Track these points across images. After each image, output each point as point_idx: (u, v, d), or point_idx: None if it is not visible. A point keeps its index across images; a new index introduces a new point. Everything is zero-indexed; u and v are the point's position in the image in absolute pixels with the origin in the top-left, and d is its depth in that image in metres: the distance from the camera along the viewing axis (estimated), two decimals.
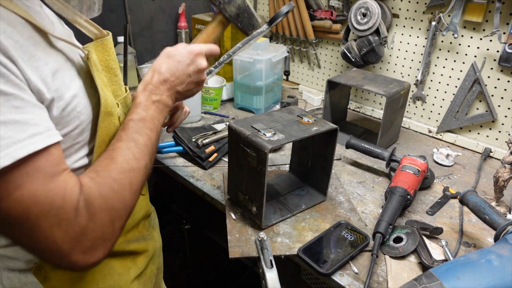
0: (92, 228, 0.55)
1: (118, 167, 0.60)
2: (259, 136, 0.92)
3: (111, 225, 0.57)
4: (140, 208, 0.82)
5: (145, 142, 0.66)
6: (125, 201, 0.60)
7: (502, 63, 1.28)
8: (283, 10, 1.06)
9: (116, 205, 0.58)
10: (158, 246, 0.93)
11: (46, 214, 0.51)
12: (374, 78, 1.43)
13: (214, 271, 1.96)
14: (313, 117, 1.03)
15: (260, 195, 0.94)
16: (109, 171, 0.59)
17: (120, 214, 0.59)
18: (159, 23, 1.97)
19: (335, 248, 0.92)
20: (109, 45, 0.72)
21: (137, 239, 0.82)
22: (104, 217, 0.56)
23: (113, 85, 0.73)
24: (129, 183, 0.61)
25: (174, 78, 0.74)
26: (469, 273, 0.71)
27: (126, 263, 0.78)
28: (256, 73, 1.59)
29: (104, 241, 0.56)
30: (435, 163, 1.34)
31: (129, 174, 0.61)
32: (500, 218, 0.86)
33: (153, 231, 0.91)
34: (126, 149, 0.63)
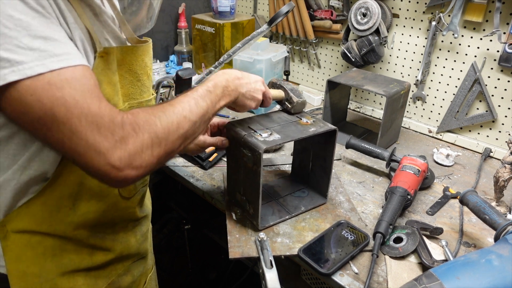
0: (132, 141, 0.58)
1: (172, 109, 0.66)
2: (254, 137, 0.92)
3: (151, 148, 0.61)
4: (117, 209, 0.82)
5: (203, 106, 0.73)
6: (168, 135, 0.63)
7: (502, 63, 1.28)
8: (283, 10, 1.06)
9: (159, 133, 0.62)
10: (132, 252, 0.91)
11: (85, 116, 0.55)
12: (374, 78, 1.43)
13: (214, 271, 1.96)
14: (312, 117, 1.03)
15: (256, 195, 0.93)
16: (162, 109, 0.65)
17: (160, 142, 0.62)
18: (159, 23, 1.97)
19: (336, 248, 0.92)
20: (140, 52, 0.78)
21: (104, 237, 0.82)
22: (146, 137, 0.60)
23: (132, 88, 0.79)
24: (177, 123, 0.65)
25: (244, 81, 0.86)
26: (469, 273, 0.71)
27: (82, 253, 0.79)
28: (256, 73, 1.58)
29: (141, 160, 0.59)
30: (435, 163, 1.34)
31: (179, 117, 0.66)
32: (500, 218, 0.86)
33: (131, 237, 0.89)
34: (186, 102, 0.70)
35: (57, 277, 0.76)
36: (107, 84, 0.71)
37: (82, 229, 0.77)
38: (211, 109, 0.76)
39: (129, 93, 0.78)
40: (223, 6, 1.75)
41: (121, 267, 0.89)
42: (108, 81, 0.71)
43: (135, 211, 0.89)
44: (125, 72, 0.76)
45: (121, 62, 0.75)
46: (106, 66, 0.70)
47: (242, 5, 2.10)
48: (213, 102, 0.76)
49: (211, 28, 1.78)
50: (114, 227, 0.84)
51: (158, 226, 1.98)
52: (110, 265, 0.85)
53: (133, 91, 0.79)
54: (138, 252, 0.93)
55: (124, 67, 0.76)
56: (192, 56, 2.00)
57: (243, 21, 1.82)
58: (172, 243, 1.95)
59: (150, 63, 0.83)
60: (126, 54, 0.75)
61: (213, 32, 1.77)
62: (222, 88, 0.80)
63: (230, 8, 1.77)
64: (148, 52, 0.81)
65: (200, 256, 1.97)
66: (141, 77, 0.79)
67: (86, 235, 0.78)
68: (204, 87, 0.77)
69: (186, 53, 1.98)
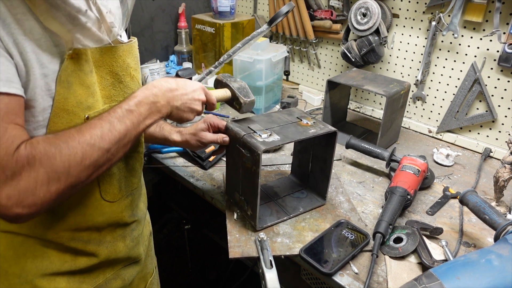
0: (25, 177, 0.55)
1: (79, 137, 0.61)
2: (254, 137, 0.91)
3: (46, 184, 0.57)
4: (100, 213, 0.80)
5: (121, 130, 0.66)
6: (69, 169, 0.59)
7: (502, 63, 1.28)
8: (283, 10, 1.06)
9: (57, 168, 0.58)
10: (122, 256, 0.88)
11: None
12: (374, 78, 1.43)
13: (214, 271, 1.96)
14: (313, 119, 1.03)
15: (254, 196, 0.93)
16: (67, 137, 0.60)
17: (58, 177, 0.58)
18: (159, 23, 1.97)
19: (337, 247, 0.92)
20: (121, 52, 0.74)
21: (88, 241, 0.80)
22: (41, 173, 0.56)
23: (114, 89, 0.76)
24: (82, 154, 0.60)
25: (178, 92, 0.78)
26: (469, 273, 0.71)
27: (64, 256, 0.78)
28: (256, 73, 1.59)
29: (34, 197, 0.56)
30: (435, 163, 1.34)
31: (86, 147, 0.61)
32: (500, 218, 0.86)
33: (120, 242, 0.87)
34: (98, 127, 0.63)
35: (37, 278, 0.75)
36: (79, 85, 0.68)
37: (62, 232, 0.76)
38: (132, 131, 0.68)
39: (111, 95, 0.75)
40: (223, 6, 1.75)
41: (110, 271, 0.87)
42: (79, 83, 0.68)
43: (123, 216, 0.86)
44: (106, 74, 0.74)
45: (100, 63, 0.72)
46: (77, 68, 0.67)
47: (242, 5, 2.10)
48: (134, 123, 0.68)
49: (211, 28, 1.78)
50: (100, 231, 0.81)
51: (158, 226, 1.98)
52: (97, 269, 0.83)
53: (114, 93, 0.76)
54: (129, 257, 0.91)
55: (104, 68, 0.73)
56: (192, 56, 2.00)
57: (243, 21, 1.82)
58: (172, 243, 1.95)
59: (134, 63, 0.79)
60: (105, 55, 0.72)
61: (213, 32, 1.77)
62: (149, 105, 0.71)
63: (230, 8, 1.77)
64: (130, 52, 0.77)
65: (200, 256, 1.97)
66: (123, 78, 0.76)
67: (67, 238, 0.77)
68: (125, 105, 0.69)
69: (186, 53, 1.98)
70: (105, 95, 0.75)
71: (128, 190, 0.85)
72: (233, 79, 0.97)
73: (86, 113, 0.70)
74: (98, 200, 0.79)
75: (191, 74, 1.28)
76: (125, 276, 0.91)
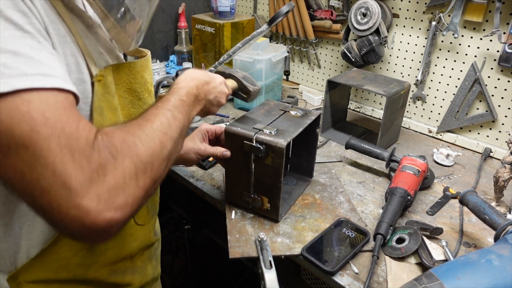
0: (112, 170, 0.45)
1: (150, 125, 0.53)
2: (265, 134, 0.92)
3: (135, 177, 0.47)
4: (134, 239, 0.78)
5: (180, 119, 0.61)
6: (153, 158, 0.51)
7: (502, 63, 1.28)
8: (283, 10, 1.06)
9: (142, 157, 0.49)
10: (149, 279, 0.87)
11: (57, 138, 0.42)
12: (374, 78, 1.43)
13: (214, 271, 1.96)
14: (296, 108, 1.09)
15: (276, 189, 0.95)
16: (138, 125, 0.53)
17: (145, 169, 0.49)
18: (159, 23, 1.97)
19: (338, 246, 0.92)
20: (138, 68, 0.70)
21: (124, 271, 0.77)
22: (127, 164, 0.47)
23: (133, 108, 0.72)
24: (160, 142, 0.53)
25: (211, 86, 0.76)
26: (469, 273, 0.71)
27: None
28: (256, 73, 1.59)
29: (125, 195, 0.46)
30: (435, 163, 1.34)
31: (160, 134, 0.54)
32: (500, 218, 0.86)
33: (148, 264, 0.85)
34: (163, 115, 0.57)
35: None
36: (108, 110, 0.63)
37: (102, 268, 0.71)
38: (187, 122, 0.64)
39: (130, 115, 0.70)
40: (223, 6, 1.75)
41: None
42: (109, 107, 0.63)
43: (151, 237, 0.85)
44: (124, 92, 0.69)
45: (119, 81, 0.67)
46: (105, 90, 0.62)
47: (242, 5, 2.10)
48: (188, 113, 0.65)
49: (211, 28, 1.78)
50: (132, 258, 0.79)
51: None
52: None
53: (134, 112, 0.71)
54: (153, 278, 0.90)
55: (123, 86, 0.68)
56: (192, 56, 2.00)
57: (243, 21, 1.82)
58: (172, 243, 1.95)
59: (151, 78, 0.76)
60: (123, 73, 0.67)
61: (213, 32, 1.77)
62: (194, 97, 0.68)
63: (230, 8, 1.77)
64: (147, 66, 0.73)
65: (200, 256, 1.97)
66: (142, 95, 0.72)
67: (107, 274, 0.73)
68: (176, 96, 0.64)
69: (186, 53, 1.98)
70: (125, 114, 0.70)
71: (153, 211, 0.85)
72: (234, 70, 0.96)
73: None
74: (132, 226, 0.76)
75: None
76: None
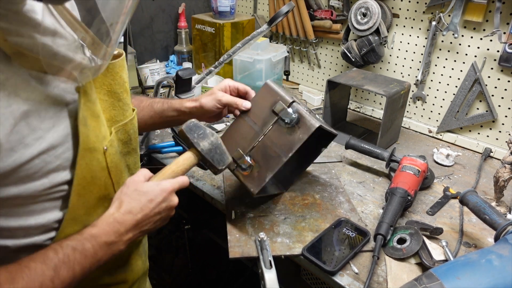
0: None
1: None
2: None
3: None
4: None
5: (65, 279, 0.56)
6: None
7: (502, 63, 1.28)
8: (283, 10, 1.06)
9: None
10: (141, 273, 0.87)
11: None
12: (374, 78, 1.43)
13: (214, 271, 1.96)
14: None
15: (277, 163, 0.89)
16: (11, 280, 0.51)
17: None
18: (159, 23, 1.97)
19: (338, 246, 0.93)
20: (117, 68, 0.68)
21: (116, 271, 0.77)
22: None
23: (114, 110, 0.70)
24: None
25: (145, 220, 0.67)
26: (469, 273, 0.71)
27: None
28: (256, 73, 1.59)
29: None
30: (435, 163, 1.34)
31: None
32: (500, 218, 0.86)
33: (138, 260, 0.85)
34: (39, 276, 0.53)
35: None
36: (92, 118, 0.62)
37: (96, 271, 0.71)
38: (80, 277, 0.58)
39: (112, 117, 0.69)
40: (223, 6, 1.75)
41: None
42: (91, 115, 0.62)
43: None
44: (104, 95, 0.67)
45: (98, 84, 0.66)
46: (86, 99, 0.61)
47: (242, 5, 2.10)
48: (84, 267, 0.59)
49: (211, 28, 1.78)
50: (122, 257, 0.79)
51: None
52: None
53: (115, 113, 0.70)
54: (144, 273, 0.91)
55: (102, 89, 0.66)
56: (192, 56, 2.00)
57: (243, 21, 1.82)
58: (172, 243, 1.95)
59: (127, 77, 0.73)
60: (102, 75, 0.65)
61: (213, 32, 1.77)
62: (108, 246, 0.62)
63: (230, 8, 1.77)
64: (124, 66, 0.71)
65: (200, 256, 1.97)
66: (121, 96, 0.70)
67: (99, 275, 0.74)
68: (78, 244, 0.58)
69: (186, 53, 1.98)
70: (107, 118, 0.69)
71: None
72: (201, 133, 0.79)
73: (104, 145, 0.65)
74: None
75: (191, 74, 1.28)
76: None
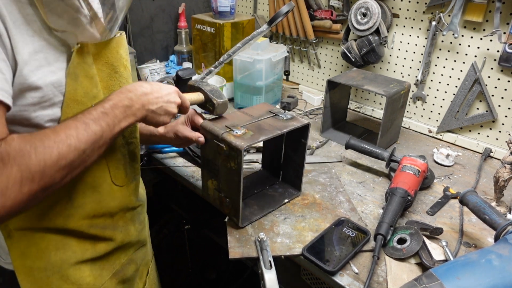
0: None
1: (54, 137, 0.60)
2: (232, 134, 0.92)
3: (19, 184, 0.54)
4: (112, 198, 0.84)
5: (96, 131, 0.65)
6: (44, 168, 0.57)
7: (502, 63, 1.28)
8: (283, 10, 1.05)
9: (32, 166, 0.56)
10: (133, 239, 0.93)
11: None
12: (374, 78, 1.43)
13: (214, 271, 1.96)
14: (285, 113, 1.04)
15: (237, 193, 0.93)
16: (43, 136, 0.59)
17: (32, 177, 0.56)
18: (159, 23, 1.97)
19: (339, 245, 0.93)
20: (114, 44, 0.77)
21: (104, 227, 0.84)
22: (14, 172, 0.54)
23: (110, 80, 0.79)
24: (58, 154, 0.59)
25: (152, 96, 0.77)
26: (469, 273, 0.71)
27: (84, 244, 0.81)
28: (256, 73, 1.59)
29: (4, 198, 0.53)
30: (435, 163, 1.34)
31: (62, 146, 0.60)
32: (500, 218, 0.86)
33: (130, 225, 0.92)
34: (73, 128, 0.63)
35: (63, 270, 0.79)
36: (84, 77, 0.72)
37: (82, 220, 0.79)
38: (108, 133, 0.68)
39: (108, 85, 0.79)
40: (223, 6, 1.75)
41: (124, 256, 0.91)
42: (84, 74, 0.72)
43: (131, 200, 0.91)
44: (102, 66, 0.77)
45: (97, 56, 0.75)
46: (81, 60, 0.70)
47: (242, 5, 2.10)
48: (110, 125, 0.68)
49: (211, 28, 1.78)
50: (113, 216, 0.86)
51: (158, 226, 1.98)
52: (113, 254, 0.88)
53: (112, 83, 0.79)
54: (138, 240, 0.96)
55: (101, 60, 0.76)
56: (192, 56, 2.00)
57: (243, 21, 1.82)
58: (172, 243, 1.95)
59: (126, 54, 0.82)
60: (100, 48, 0.75)
61: (213, 32, 1.77)
62: (124, 108, 0.71)
63: (230, 8, 1.77)
64: (122, 44, 0.80)
65: (200, 256, 1.98)
66: (118, 68, 0.79)
67: (86, 226, 0.80)
68: (99, 108, 0.68)
69: (186, 53, 1.98)
70: (104, 86, 0.78)
71: (132, 175, 0.90)
72: (205, 83, 0.98)
73: (93, 102, 0.73)
74: (109, 185, 0.82)
75: (191, 74, 1.28)
76: (137, 260, 0.96)
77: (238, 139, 0.90)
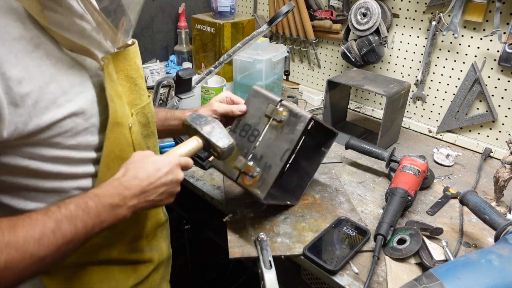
0: None
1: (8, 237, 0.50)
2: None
3: None
4: (147, 217, 0.82)
5: (66, 233, 0.54)
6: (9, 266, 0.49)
7: (502, 63, 1.28)
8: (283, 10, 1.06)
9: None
10: (166, 257, 0.92)
11: None
12: (374, 78, 1.42)
13: (214, 271, 1.96)
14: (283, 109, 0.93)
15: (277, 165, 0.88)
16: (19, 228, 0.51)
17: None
18: (159, 23, 1.97)
19: (339, 245, 0.93)
20: (131, 55, 0.73)
21: (143, 249, 0.82)
22: None
23: (132, 94, 0.74)
24: (4, 261, 0.49)
25: (151, 189, 0.66)
26: (469, 273, 0.71)
27: (127, 271, 0.79)
28: (256, 73, 1.59)
29: None
30: (435, 163, 1.34)
31: (14, 252, 0.50)
32: (500, 218, 0.86)
33: (162, 242, 0.91)
34: (39, 226, 0.53)
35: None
36: (116, 96, 0.66)
37: (124, 247, 0.77)
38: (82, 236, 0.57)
39: (130, 101, 0.73)
40: (223, 6, 1.75)
41: (158, 276, 0.89)
42: (115, 94, 0.66)
43: (161, 216, 0.90)
44: (122, 80, 0.71)
45: (117, 69, 0.70)
46: (110, 78, 0.66)
47: (242, 5, 2.10)
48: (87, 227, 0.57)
49: (211, 28, 1.78)
50: (147, 237, 0.84)
51: None
52: (151, 276, 0.86)
53: (133, 98, 0.74)
54: (169, 256, 0.95)
55: (121, 74, 0.71)
56: (192, 56, 2.00)
57: (243, 21, 1.82)
58: (172, 243, 1.95)
59: (140, 63, 0.78)
60: (119, 61, 0.70)
61: (213, 32, 1.77)
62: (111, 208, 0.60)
63: (230, 8, 1.77)
64: (137, 53, 0.76)
65: (200, 256, 1.97)
66: (137, 81, 0.75)
67: (128, 253, 0.78)
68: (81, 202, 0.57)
69: (186, 53, 1.98)
70: (127, 101, 0.72)
71: None
72: (203, 120, 0.80)
73: (129, 122, 0.70)
74: None
75: (191, 74, 1.28)
76: (166, 276, 0.95)
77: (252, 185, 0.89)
